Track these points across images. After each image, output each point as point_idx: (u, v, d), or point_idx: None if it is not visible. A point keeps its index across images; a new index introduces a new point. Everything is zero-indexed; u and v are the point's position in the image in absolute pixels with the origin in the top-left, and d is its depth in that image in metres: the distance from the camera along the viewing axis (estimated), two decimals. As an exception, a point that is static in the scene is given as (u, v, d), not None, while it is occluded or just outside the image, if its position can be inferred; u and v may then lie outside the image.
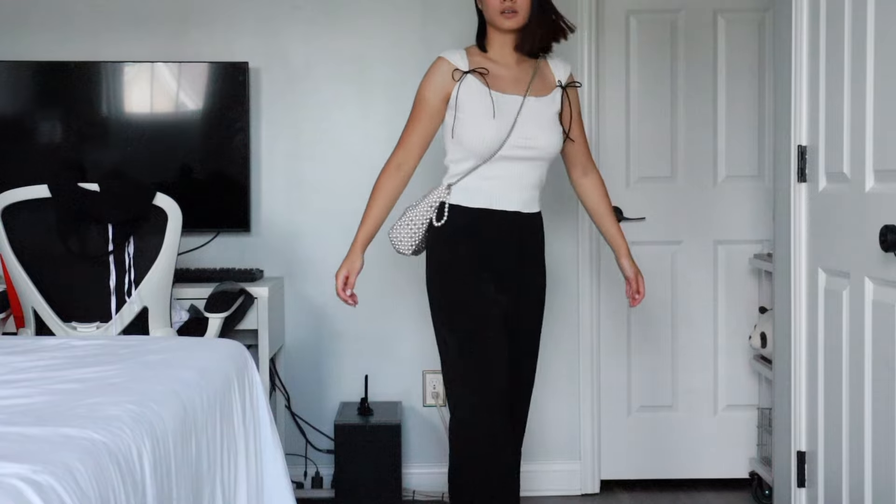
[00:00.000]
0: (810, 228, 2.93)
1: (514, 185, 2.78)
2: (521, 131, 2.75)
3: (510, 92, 2.78)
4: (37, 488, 1.39)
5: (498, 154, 2.74)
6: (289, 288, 3.90)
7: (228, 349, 2.63)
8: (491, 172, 2.77)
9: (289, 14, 3.89)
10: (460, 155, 2.79)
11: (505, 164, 2.76)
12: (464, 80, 2.77)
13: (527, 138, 2.75)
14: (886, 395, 2.46)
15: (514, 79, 2.81)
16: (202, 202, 3.75)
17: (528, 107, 2.77)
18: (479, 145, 2.74)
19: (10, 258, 3.06)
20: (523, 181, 2.79)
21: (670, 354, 3.99)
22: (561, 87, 2.87)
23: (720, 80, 3.94)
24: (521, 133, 2.75)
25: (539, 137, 2.77)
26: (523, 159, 2.77)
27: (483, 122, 2.74)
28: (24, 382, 2.09)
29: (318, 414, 3.92)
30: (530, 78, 2.82)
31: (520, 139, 2.75)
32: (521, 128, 2.75)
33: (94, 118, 3.76)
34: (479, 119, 2.74)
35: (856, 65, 2.60)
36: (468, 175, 2.78)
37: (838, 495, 2.72)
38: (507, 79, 2.80)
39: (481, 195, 2.77)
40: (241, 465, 2.45)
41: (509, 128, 2.74)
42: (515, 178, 2.78)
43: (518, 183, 2.78)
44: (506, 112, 2.75)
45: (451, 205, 2.78)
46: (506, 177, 2.77)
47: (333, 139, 3.92)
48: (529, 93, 2.79)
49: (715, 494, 3.90)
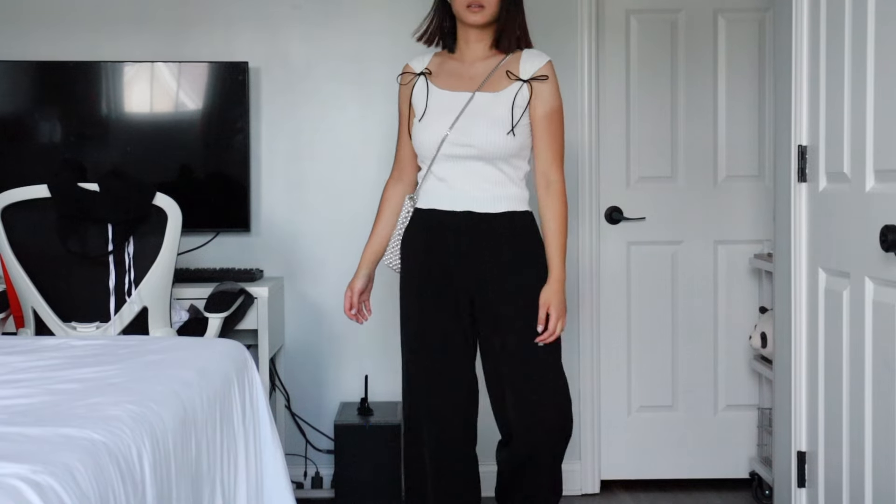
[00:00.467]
0: (810, 228, 2.92)
1: (464, 184, 2.71)
2: (460, 128, 2.68)
3: (460, 89, 2.73)
4: (36, 488, 1.39)
5: (441, 153, 2.70)
6: (289, 288, 3.90)
7: (228, 349, 2.63)
8: (442, 173, 2.73)
9: (288, 14, 3.89)
10: (418, 157, 2.81)
11: (452, 164, 2.71)
12: (416, 84, 2.79)
13: (464, 136, 2.68)
14: (886, 395, 2.46)
15: (470, 75, 2.75)
16: (202, 202, 3.75)
17: (475, 103, 2.70)
18: (419, 146, 2.75)
19: (9, 258, 3.06)
20: (476, 180, 2.70)
21: (670, 354, 3.99)
22: (522, 81, 2.71)
23: (720, 80, 3.94)
24: (460, 130, 2.68)
25: (477, 135, 2.67)
26: (467, 158, 2.69)
27: (422, 122, 2.74)
28: (24, 382, 2.09)
29: (318, 414, 3.92)
30: (489, 73, 2.73)
31: (457, 136, 2.68)
32: (462, 125, 2.68)
33: (94, 118, 3.76)
34: (420, 119, 2.75)
35: (856, 65, 2.60)
36: (425, 178, 2.77)
37: (838, 495, 2.72)
38: (463, 76, 2.75)
39: (432, 196, 2.76)
40: (241, 465, 2.45)
41: (448, 126, 2.69)
42: (465, 177, 2.71)
43: (468, 182, 2.71)
44: (448, 110, 2.70)
45: (412, 209, 2.81)
46: (456, 177, 2.72)
47: (333, 139, 3.92)
48: (483, 88, 2.71)
49: (715, 494, 3.90)
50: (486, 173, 2.70)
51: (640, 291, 3.97)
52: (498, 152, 2.68)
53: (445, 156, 2.70)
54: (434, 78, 2.78)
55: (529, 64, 2.73)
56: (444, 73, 2.77)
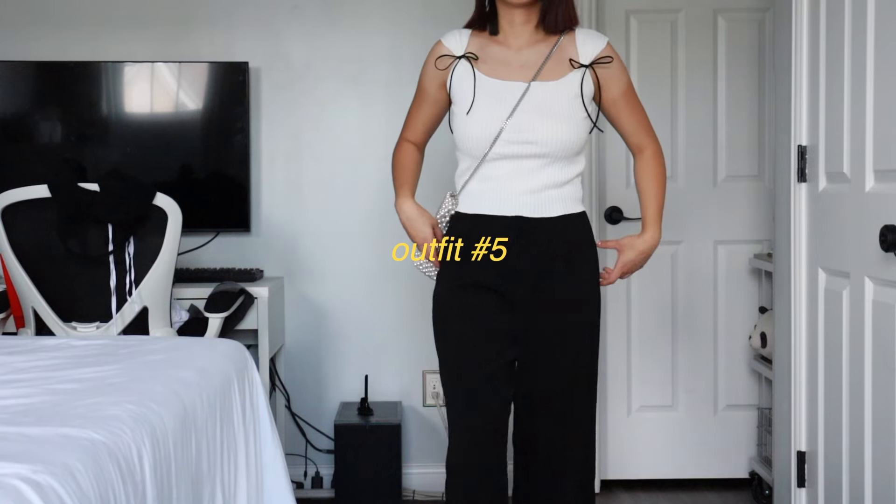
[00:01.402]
0: (810, 228, 2.92)
1: (516, 185, 2.39)
2: (517, 124, 2.35)
3: (512, 78, 2.40)
4: (37, 488, 1.39)
5: (493, 152, 2.37)
6: (289, 288, 3.90)
7: (228, 349, 2.64)
8: (491, 172, 2.40)
9: (289, 14, 3.89)
10: (459, 154, 2.47)
11: (505, 164, 2.39)
12: (456, 67, 2.44)
13: (523, 132, 2.35)
14: (886, 395, 2.46)
15: (521, 63, 2.41)
16: (202, 202, 3.75)
17: (532, 95, 2.37)
18: (466, 142, 2.41)
19: (10, 258, 3.06)
20: (530, 181, 2.38)
21: (670, 354, 3.99)
22: (584, 67, 2.41)
23: (720, 80, 3.94)
24: (518, 126, 2.35)
25: (540, 130, 2.35)
26: (524, 157, 2.37)
27: (470, 115, 2.39)
28: (25, 382, 2.09)
29: (318, 414, 3.92)
30: (543, 60, 2.40)
31: (514, 133, 2.35)
32: (519, 120, 2.35)
33: (95, 118, 3.76)
34: (465, 116, 2.40)
35: (856, 65, 2.60)
36: (470, 178, 2.43)
37: (838, 495, 2.72)
38: (513, 63, 2.41)
39: (475, 199, 2.43)
40: (241, 465, 2.45)
41: (503, 121, 2.36)
42: (517, 177, 2.39)
43: (520, 183, 2.39)
44: (502, 102, 2.37)
45: (454, 214, 2.47)
46: (505, 177, 2.39)
47: (333, 139, 3.92)
48: (538, 77, 2.39)
49: (715, 494, 3.90)
50: (542, 174, 2.39)
51: (640, 291, 3.97)
52: (563, 150, 2.38)
53: (498, 154, 2.37)
54: (479, 64, 2.42)
55: (589, 46, 2.43)
56: (490, 58, 2.43)
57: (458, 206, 2.45)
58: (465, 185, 2.44)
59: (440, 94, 2.49)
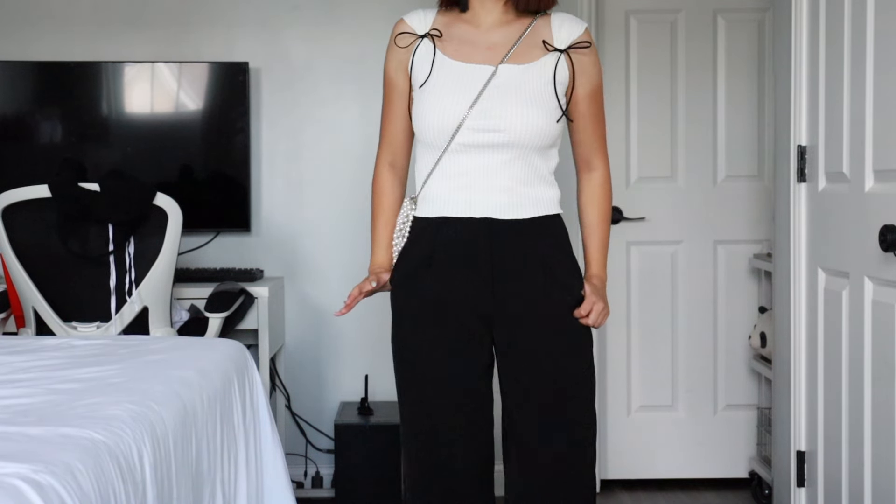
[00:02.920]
0: (810, 228, 2.93)
1: (483, 183, 2.11)
2: (482, 109, 2.09)
3: (477, 61, 2.13)
4: (37, 488, 1.40)
5: (455, 142, 2.10)
6: (289, 288, 3.90)
7: (228, 349, 2.64)
8: (454, 167, 2.13)
9: (289, 14, 3.90)
10: (420, 148, 2.19)
11: (469, 156, 2.11)
12: (418, 48, 2.17)
13: (488, 118, 2.08)
14: (886, 395, 2.46)
15: (489, 44, 2.15)
16: (202, 202, 3.75)
17: (500, 78, 2.11)
18: (425, 130, 2.13)
19: (10, 258, 3.07)
20: (499, 178, 2.11)
21: (670, 354, 3.99)
22: (559, 52, 2.14)
23: (720, 80, 3.94)
24: (482, 112, 2.08)
25: (507, 116, 2.08)
26: (491, 147, 2.10)
27: (428, 100, 2.13)
28: (25, 382, 2.09)
29: (318, 414, 3.93)
30: (514, 42, 2.15)
31: (478, 120, 2.08)
32: (485, 105, 2.09)
33: (95, 118, 3.76)
34: (425, 96, 2.14)
35: (856, 65, 2.60)
36: (430, 176, 2.15)
37: (838, 495, 2.72)
38: (479, 44, 2.15)
39: (443, 201, 2.14)
40: (242, 465, 2.45)
41: (467, 106, 2.09)
42: (484, 174, 2.11)
43: (488, 181, 2.11)
44: (466, 86, 2.11)
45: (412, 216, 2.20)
46: (471, 173, 2.12)
47: (333, 139, 3.92)
48: (508, 60, 2.12)
49: (715, 494, 3.90)
50: (512, 168, 2.12)
51: (640, 291, 3.97)
52: (534, 139, 2.11)
53: (461, 145, 2.10)
54: (442, 44, 2.16)
55: (565, 31, 2.17)
56: (455, 39, 2.17)
57: (417, 210, 2.17)
58: (426, 184, 2.15)
59: (405, 79, 2.19)
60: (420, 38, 2.17)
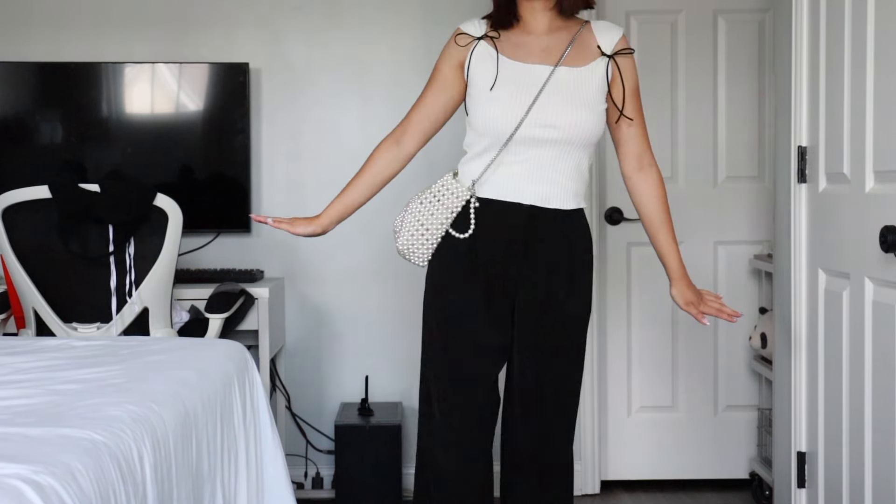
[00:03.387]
0: (810, 229, 2.93)
1: (533, 173, 2.36)
2: (542, 108, 2.32)
3: (535, 62, 2.37)
4: (37, 489, 1.40)
5: (518, 135, 2.33)
6: (289, 288, 3.90)
7: (229, 350, 2.64)
8: (509, 157, 2.36)
9: (289, 15, 3.90)
10: (475, 137, 2.41)
11: (525, 149, 2.35)
12: (476, 49, 2.40)
13: (548, 116, 2.32)
14: (886, 396, 2.46)
15: (542, 48, 2.39)
16: (203, 203, 3.75)
17: (558, 78, 2.34)
18: (488, 123, 2.35)
19: (10, 259, 3.07)
20: (547, 170, 2.36)
21: (670, 355, 3.99)
22: (606, 56, 2.40)
23: (720, 80, 3.94)
24: (542, 109, 2.32)
25: (563, 115, 2.32)
26: (546, 142, 2.33)
27: (492, 98, 2.35)
28: (25, 383, 2.09)
29: (319, 414, 3.93)
30: (566, 46, 2.38)
31: (540, 117, 2.32)
32: (545, 103, 2.32)
33: (95, 119, 3.76)
34: (487, 93, 2.36)
35: (856, 65, 2.60)
36: (491, 163, 2.37)
37: (838, 496, 2.72)
38: (533, 48, 2.39)
39: (497, 186, 2.38)
40: (242, 466, 2.45)
41: (528, 104, 2.32)
42: (535, 164, 2.36)
43: (538, 172, 2.36)
44: (526, 85, 2.34)
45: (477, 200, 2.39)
46: (523, 162, 2.36)
47: (333, 140, 3.92)
48: (563, 62, 2.36)
49: (715, 495, 3.90)
50: (564, 163, 2.37)
51: (641, 292, 3.97)
52: (584, 139, 2.36)
53: (521, 138, 2.33)
54: (501, 46, 2.39)
55: (607, 37, 2.42)
56: (509, 42, 2.40)
57: (478, 192, 2.38)
58: (485, 171, 2.37)
59: (454, 76, 2.43)
60: (477, 40, 2.40)
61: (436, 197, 2.41)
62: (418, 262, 2.47)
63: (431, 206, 2.41)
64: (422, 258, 2.45)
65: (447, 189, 2.40)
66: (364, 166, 2.51)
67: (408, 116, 2.48)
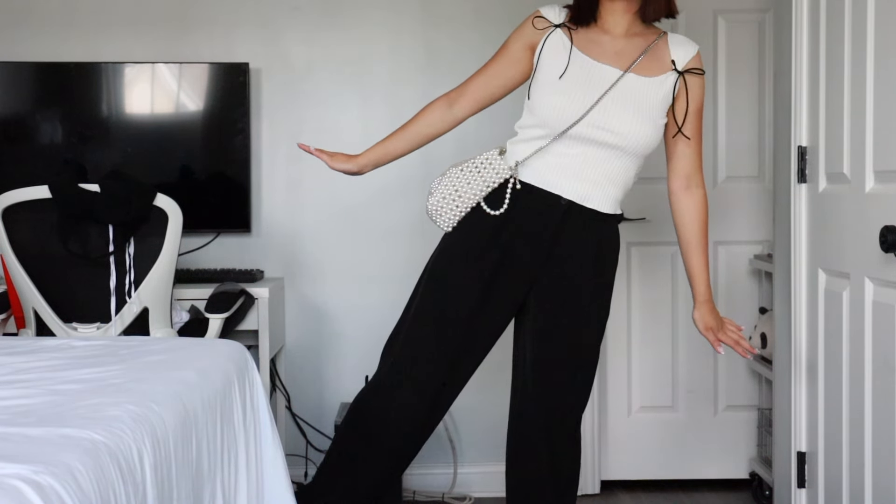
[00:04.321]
0: (810, 229, 2.93)
1: (579, 170, 2.35)
2: (605, 109, 2.31)
3: (606, 62, 2.36)
4: (37, 489, 1.40)
5: (573, 130, 2.31)
6: (289, 288, 3.90)
7: (229, 350, 2.63)
8: (563, 150, 2.35)
9: (289, 15, 3.90)
10: (531, 122, 2.39)
11: (577, 145, 2.34)
12: (550, 36, 2.38)
13: (608, 118, 2.31)
14: (886, 396, 2.46)
15: (616, 50, 2.38)
16: (203, 203, 3.75)
17: (625, 83, 2.34)
18: (548, 111, 2.34)
19: (10, 259, 3.07)
20: (593, 170, 2.36)
21: (670, 355, 3.99)
22: (677, 72, 2.41)
23: (720, 81, 3.94)
24: (604, 111, 2.31)
25: (624, 122, 2.32)
26: (600, 144, 2.33)
27: (558, 88, 2.33)
28: (25, 383, 2.09)
29: (319, 414, 3.92)
30: (639, 53, 2.38)
31: (600, 118, 2.31)
32: (608, 105, 2.32)
33: (95, 119, 3.76)
34: (555, 83, 2.34)
35: (856, 65, 2.60)
36: (541, 150, 2.36)
37: (838, 496, 2.72)
38: (607, 48, 2.38)
39: (542, 173, 2.37)
40: (242, 466, 2.45)
41: (592, 102, 2.31)
42: (583, 162, 2.35)
43: (584, 170, 2.35)
44: (594, 83, 2.33)
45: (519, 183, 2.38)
46: (572, 157, 2.35)
47: (334, 140, 3.91)
48: (633, 69, 2.36)
49: (715, 495, 3.90)
50: (613, 167, 2.38)
51: (641, 292, 3.97)
52: (638, 148, 2.37)
53: (577, 134, 2.32)
54: (577, 38, 2.38)
55: (682, 52, 2.44)
56: (585, 37, 2.38)
57: (520, 175, 2.38)
58: (532, 156, 2.37)
59: (522, 54, 2.42)
60: (554, 27, 2.38)
61: (477, 169, 2.40)
62: (444, 225, 2.46)
63: (470, 175, 2.40)
64: (448, 223, 2.45)
65: (490, 164, 2.39)
66: (412, 119, 2.52)
67: (467, 81, 2.48)
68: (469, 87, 2.48)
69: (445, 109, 2.49)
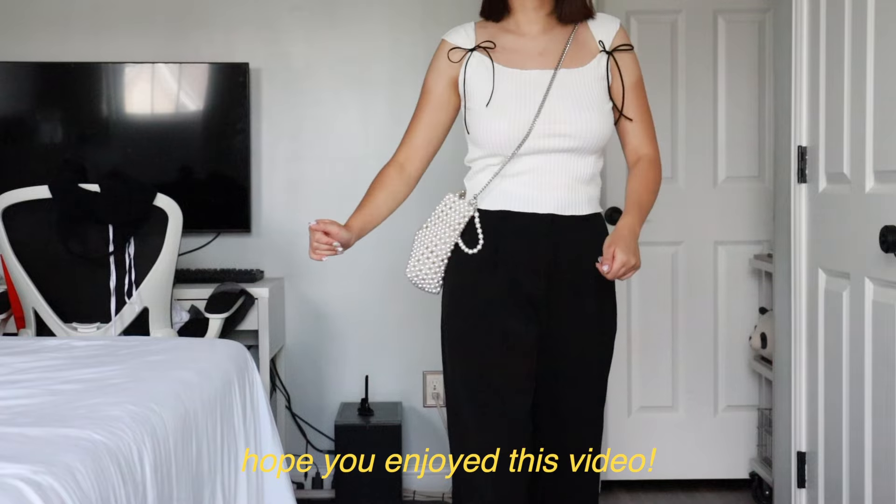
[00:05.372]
0: (810, 229, 2.93)
1: (547, 180, 2.21)
2: (549, 115, 2.17)
3: (534, 67, 2.22)
4: (37, 489, 1.40)
5: (525, 147, 2.18)
6: (289, 288, 3.90)
7: (229, 350, 2.64)
8: (518, 167, 2.21)
9: (289, 15, 3.90)
10: (479, 153, 2.26)
11: (533, 158, 2.20)
12: (469, 61, 2.25)
13: (556, 123, 2.17)
14: (886, 396, 2.46)
15: (539, 50, 2.24)
16: (203, 203, 3.75)
17: (559, 82, 2.20)
18: (493, 138, 2.20)
19: (10, 259, 3.07)
20: (561, 177, 2.21)
21: (670, 355, 3.99)
22: (606, 53, 2.26)
23: (720, 81, 3.94)
24: (550, 117, 2.17)
25: (571, 122, 2.18)
26: (556, 151, 2.19)
27: (491, 109, 2.20)
28: (25, 383, 2.09)
29: (319, 414, 3.92)
30: (564, 47, 2.24)
31: (547, 125, 2.17)
32: (549, 111, 2.18)
33: (95, 119, 3.76)
34: (490, 108, 2.21)
35: (856, 65, 2.60)
36: (496, 175, 2.22)
37: (838, 496, 2.72)
38: (530, 51, 2.24)
39: (502, 196, 2.23)
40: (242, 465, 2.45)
41: (534, 113, 2.17)
42: (549, 172, 2.21)
43: (552, 179, 2.21)
44: (529, 93, 2.19)
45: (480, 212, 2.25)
46: (536, 170, 2.20)
47: (333, 140, 3.92)
48: (562, 64, 2.22)
49: (715, 495, 3.90)
50: (577, 168, 2.22)
51: (640, 292, 3.97)
52: (595, 142, 2.22)
53: (530, 149, 2.19)
54: (496, 55, 2.24)
55: (604, 30, 2.28)
56: (504, 48, 2.25)
57: (481, 204, 2.23)
58: (490, 182, 2.22)
59: (449, 94, 2.29)
60: (470, 52, 2.26)
61: (440, 218, 2.28)
62: (430, 289, 2.33)
63: (436, 227, 2.28)
64: (432, 284, 2.32)
65: (450, 208, 2.27)
66: (371, 193, 2.37)
67: (406, 139, 2.34)
68: (411, 145, 2.33)
69: (399, 175, 2.34)
